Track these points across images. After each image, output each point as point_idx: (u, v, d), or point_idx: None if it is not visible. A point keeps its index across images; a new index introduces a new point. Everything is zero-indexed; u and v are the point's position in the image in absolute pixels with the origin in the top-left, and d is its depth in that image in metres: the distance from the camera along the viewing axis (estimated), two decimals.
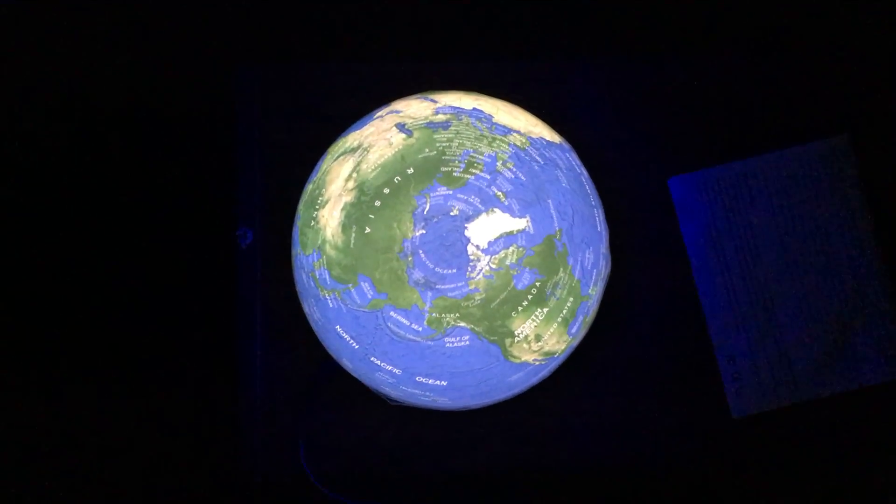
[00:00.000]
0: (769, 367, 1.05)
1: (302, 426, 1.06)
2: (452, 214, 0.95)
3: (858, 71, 1.08)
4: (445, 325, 0.94)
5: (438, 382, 0.96)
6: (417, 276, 0.94)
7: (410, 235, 0.95)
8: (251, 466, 1.06)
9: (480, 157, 0.95)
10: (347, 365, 0.99)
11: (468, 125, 0.97)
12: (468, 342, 0.95)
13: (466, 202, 0.95)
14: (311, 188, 0.99)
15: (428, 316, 0.94)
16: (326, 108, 1.07)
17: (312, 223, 0.97)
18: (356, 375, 0.99)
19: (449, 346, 0.95)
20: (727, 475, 1.06)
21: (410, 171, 0.95)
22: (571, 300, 0.96)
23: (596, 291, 0.98)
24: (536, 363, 0.97)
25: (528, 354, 0.96)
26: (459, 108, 0.98)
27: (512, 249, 0.94)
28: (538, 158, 0.97)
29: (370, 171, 0.96)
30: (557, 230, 0.95)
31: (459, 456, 1.06)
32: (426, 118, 0.97)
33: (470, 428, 1.05)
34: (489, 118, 0.97)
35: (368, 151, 0.97)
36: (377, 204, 0.95)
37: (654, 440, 1.05)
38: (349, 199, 0.96)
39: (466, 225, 0.94)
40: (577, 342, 0.98)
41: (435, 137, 0.96)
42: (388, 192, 0.95)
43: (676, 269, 1.06)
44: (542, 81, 1.08)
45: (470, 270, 0.94)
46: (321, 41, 1.10)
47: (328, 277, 0.96)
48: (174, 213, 1.09)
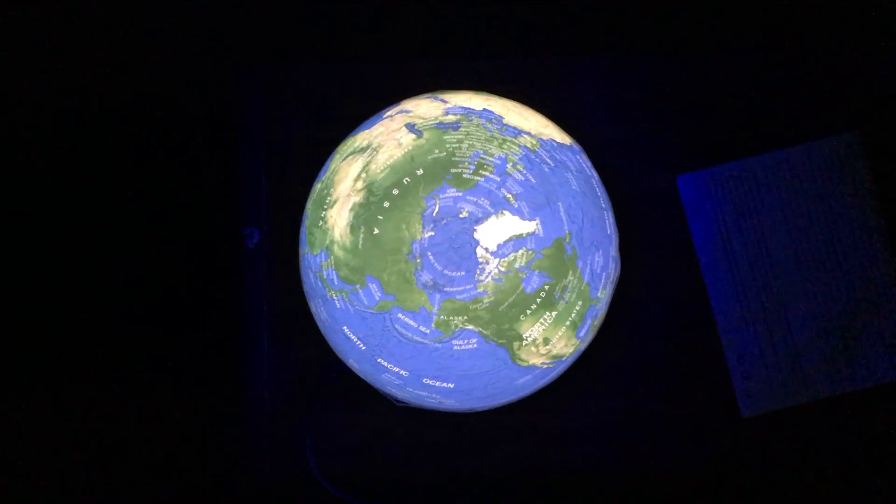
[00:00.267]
0: (779, 366, 1.04)
1: (308, 427, 1.06)
2: (462, 216, 0.94)
3: (868, 68, 1.07)
4: (453, 327, 0.94)
5: (445, 385, 0.96)
6: (426, 278, 0.94)
7: (419, 237, 0.94)
8: (257, 466, 1.07)
9: (490, 158, 0.95)
10: (354, 366, 0.98)
11: (478, 126, 0.96)
12: (476, 345, 0.94)
13: (476, 204, 0.94)
14: (319, 187, 0.99)
15: (436, 318, 0.94)
16: (332, 108, 1.07)
17: (320, 223, 0.97)
18: (363, 376, 0.99)
19: (457, 348, 0.95)
20: (737, 475, 1.06)
21: (420, 172, 0.95)
22: (580, 304, 0.96)
23: (605, 295, 0.97)
24: (544, 366, 0.96)
25: (535, 358, 0.96)
26: (470, 108, 0.97)
27: (521, 252, 0.94)
28: (548, 161, 0.96)
29: (379, 171, 0.96)
30: (567, 233, 0.95)
31: (466, 458, 1.06)
32: (436, 118, 0.97)
33: (477, 430, 1.05)
34: (499, 119, 0.97)
35: (378, 151, 0.96)
36: (386, 205, 0.95)
37: (663, 439, 1.05)
38: (358, 199, 0.96)
39: (476, 227, 0.94)
40: (585, 346, 0.98)
41: (445, 138, 0.95)
42: (397, 192, 0.95)
43: (685, 267, 1.06)
44: (549, 80, 1.07)
45: (479, 273, 0.94)
46: (325, 40, 1.10)
47: (336, 278, 0.96)
48: (180, 213, 1.09)
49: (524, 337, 0.95)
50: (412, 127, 0.97)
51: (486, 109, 0.98)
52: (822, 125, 1.06)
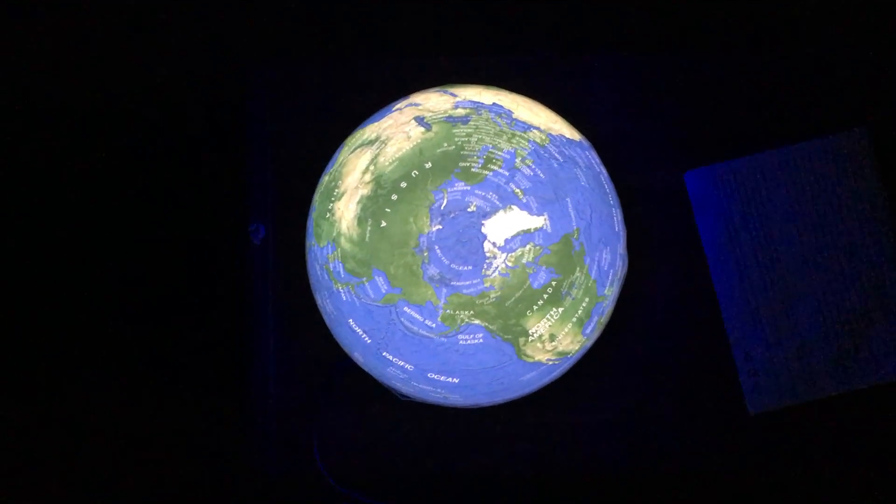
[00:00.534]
0: (786, 363, 1.04)
1: (315, 423, 1.06)
2: (470, 210, 0.94)
3: (875, 64, 1.07)
4: (459, 322, 0.94)
5: (450, 380, 0.96)
6: (432, 271, 0.94)
7: (427, 230, 0.94)
8: (264, 462, 1.07)
9: (499, 153, 0.94)
10: (359, 359, 0.98)
11: (488, 120, 0.96)
12: (482, 340, 0.94)
13: (484, 198, 0.94)
14: (327, 179, 0.99)
15: (442, 312, 0.94)
16: (340, 105, 1.07)
17: (328, 215, 0.97)
18: (368, 370, 0.99)
19: (462, 343, 0.94)
20: (744, 472, 1.06)
21: (428, 165, 0.95)
22: (587, 300, 0.95)
23: (612, 292, 0.97)
24: (550, 363, 0.96)
25: (541, 354, 0.95)
26: (479, 102, 0.97)
27: (529, 247, 0.94)
28: (557, 156, 0.96)
29: (388, 164, 0.95)
30: (575, 229, 0.95)
31: (472, 455, 1.06)
32: (445, 112, 0.96)
33: (482, 427, 1.05)
34: (509, 114, 0.96)
35: (386, 144, 0.96)
36: (394, 198, 0.95)
37: (670, 437, 1.05)
38: (366, 191, 0.95)
39: (483, 221, 0.94)
40: (591, 343, 0.98)
41: (454, 132, 0.95)
42: (405, 185, 0.94)
43: (692, 264, 1.06)
44: (559, 76, 1.07)
45: (486, 268, 0.94)
46: (334, 37, 1.09)
47: (342, 270, 0.96)
48: (187, 209, 1.09)
49: (530, 333, 0.95)
50: (421, 120, 0.96)
51: (495, 104, 0.97)
52: (829, 121, 1.06)
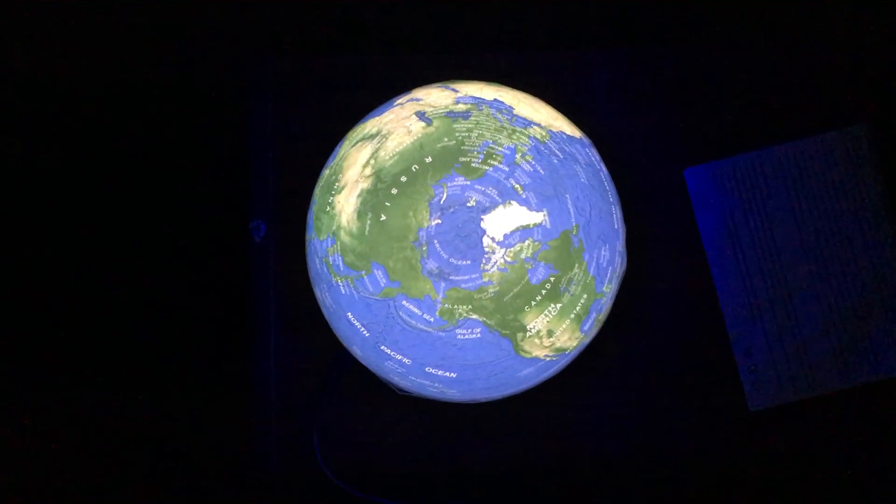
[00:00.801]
0: (786, 359, 1.04)
1: (315, 419, 1.06)
2: (469, 205, 0.94)
3: (876, 59, 1.06)
4: (457, 316, 0.94)
5: (448, 374, 0.96)
6: (431, 265, 0.94)
7: (426, 225, 0.94)
8: (265, 459, 1.07)
9: (500, 148, 0.95)
10: (357, 353, 0.99)
11: (488, 116, 0.96)
12: (480, 334, 0.94)
13: (484, 193, 0.94)
14: (327, 173, 0.99)
15: (440, 306, 0.94)
16: (340, 101, 1.06)
17: (328, 208, 0.97)
18: (366, 364, 0.99)
19: (460, 337, 0.95)
20: (744, 468, 1.06)
21: (428, 159, 0.95)
22: (585, 297, 0.95)
23: (610, 289, 0.97)
24: (547, 359, 0.96)
25: (539, 350, 0.96)
26: (480, 98, 0.97)
27: (528, 243, 0.94)
28: (558, 153, 0.96)
29: (388, 158, 0.95)
30: (574, 226, 0.95)
31: (470, 450, 1.06)
32: (446, 107, 0.96)
33: (481, 423, 1.06)
34: (510, 110, 0.96)
35: (387, 139, 0.96)
36: (394, 192, 0.95)
37: (669, 434, 1.05)
38: (366, 185, 0.96)
39: (483, 216, 0.94)
40: (589, 339, 0.98)
41: (454, 127, 0.95)
42: (405, 180, 0.95)
43: (692, 261, 1.06)
44: (559, 72, 1.07)
45: (484, 262, 0.94)
46: (335, 32, 1.09)
47: (341, 264, 0.96)
48: (187, 206, 1.09)
49: (528, 328, 0.95)
50: (422, 115, 0.96)
51: (496, 100, 0.97)
52: (830, 117, 1.05)
